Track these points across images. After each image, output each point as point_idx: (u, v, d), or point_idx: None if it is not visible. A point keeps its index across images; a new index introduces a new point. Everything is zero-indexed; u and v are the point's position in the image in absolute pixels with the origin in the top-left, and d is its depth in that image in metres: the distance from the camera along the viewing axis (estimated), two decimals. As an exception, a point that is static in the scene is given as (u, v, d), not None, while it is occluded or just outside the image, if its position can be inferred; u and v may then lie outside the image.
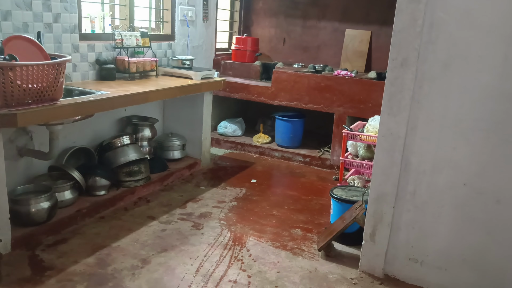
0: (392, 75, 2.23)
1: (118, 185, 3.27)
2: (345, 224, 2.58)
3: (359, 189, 3.07)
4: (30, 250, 2.49)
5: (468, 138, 2.15)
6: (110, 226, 2.85)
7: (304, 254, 2.68)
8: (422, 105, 2.20)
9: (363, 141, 3.60)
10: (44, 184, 2.78)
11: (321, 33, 5.13)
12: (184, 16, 4.34)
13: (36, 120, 2.40)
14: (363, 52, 4.84)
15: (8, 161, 2.49)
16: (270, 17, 5.38)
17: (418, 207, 2.33)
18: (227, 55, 5.24)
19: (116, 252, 2.55)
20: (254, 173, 4.11)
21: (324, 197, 3.59)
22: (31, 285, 2.19)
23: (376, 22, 4.78)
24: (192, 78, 3.78)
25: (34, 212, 2.57)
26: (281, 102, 4.52)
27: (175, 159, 3.97)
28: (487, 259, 2.23)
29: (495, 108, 2.06)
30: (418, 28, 2.12)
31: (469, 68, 2.08)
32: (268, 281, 2.36)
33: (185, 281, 2.31)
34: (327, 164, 4.38)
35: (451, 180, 2.22)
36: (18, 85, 2.24)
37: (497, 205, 2.15)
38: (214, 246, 2.69)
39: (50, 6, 2.92)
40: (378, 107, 2.69)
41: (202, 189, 3.63)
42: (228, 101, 5.06)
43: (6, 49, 2.34)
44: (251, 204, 3.37)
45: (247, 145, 4.78)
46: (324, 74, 4.35)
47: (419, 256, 2.38)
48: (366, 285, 2.40)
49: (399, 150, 2.29)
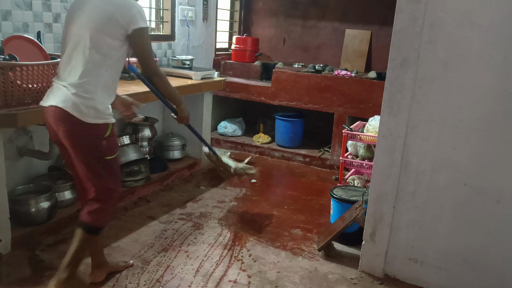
0: (392, 75, 2.23)
1: (118, 185, 3.27)
2: (345, 224, 2.58)
3: (359, 189, 3.07)
4: (30, 250, 2.49)
5: (468, 138, 2.15)
6: (110, 226, 2.85)
7: (304, 254, 2.68)
8: (422, 105, 2.20)
9: (363, 141, 3.60)
10: (44, 184, 2.78)
11: (321, 33, 5.13)
12: (184, 16, 4.34)
13: (36, 120, 2.39)
14: (363, 52, 4.84)
15: (8, 161, 2.48)
16: (270, 17, 5.38)
17: (418, 207, 2.33)
18: (227, 55, 5.24)
19: (116, 252, 2.54)
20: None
21: (324, 197, 3.59)
22: (31, 285, 2.19)
23: (376, 22, 4.78)
24: (192, 78, 3.78)
25: (34, 212, 2.57)
26: (281, 102, 4.52)
27: (175, 159, 3.96)
28: (487, 259, 2.23)
29: (495, 108, 2.06)
30: (418, 28, 2.12)
31: (469, 68, 2.08)
32: (268, 281, 2.36)
33: (185, 281, 2.31)
34: (327, 164, 4.38)
35: (451, 180, 2.22)
36: (18, 85, 2.24)
37: (497, 205, 2.15)
38: (214, 246, 2.69)
39: (50, 6, 2.92)
40: (378, 107, 2.68)
41: (202, 189, 3.63)
42: (228, 101, 5.06)
43: (6, 49, 2.35)
44: (251, 204, 3.37)
45: (247, 145, 4.78)
46: (324, 74, 4.35)
47: (419, 256, 2.38)
48: (366, 285, 2.40)
49: (399, 150, 2.29)
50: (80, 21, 1.94)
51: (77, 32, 1.94)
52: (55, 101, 1.92)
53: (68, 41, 1.96)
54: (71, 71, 1.93)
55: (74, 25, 1.95)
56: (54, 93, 1.95)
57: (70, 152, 2.00)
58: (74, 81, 1.92)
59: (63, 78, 1.95)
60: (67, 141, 1.96)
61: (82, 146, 1.97)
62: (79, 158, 1.99)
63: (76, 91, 1.91)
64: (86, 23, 1.92)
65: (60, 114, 1.91)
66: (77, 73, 1.92)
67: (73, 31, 1.95)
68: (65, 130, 1.93)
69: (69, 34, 1.96)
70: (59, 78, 1.98)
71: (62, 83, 1.94)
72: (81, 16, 1.94)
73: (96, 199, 2.05)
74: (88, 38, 1.90)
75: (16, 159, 2.77)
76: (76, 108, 1.90)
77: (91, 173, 2.02)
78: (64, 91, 1.92)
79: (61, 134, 1.95)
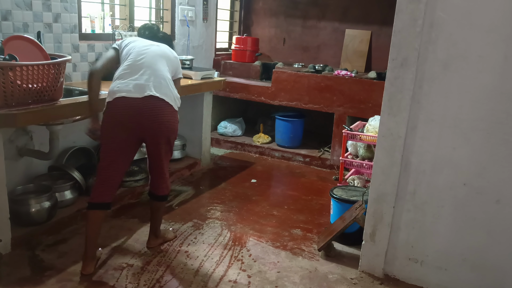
0: (392, 75, 2.23)
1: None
2: (345, 224, 2.58)
3: (359, 189, 3.07)
4: (30, 250, 2.49)
5: (468, 138, 2.15)
6: (110, 226, 2.85)
7: (304, 254, 2.68)
8: (422, 105, 2.20)
9: (363, 141, 3.60)
10: (44, 184, 2.78)
11: (321, 33, 5.13)
12: (184, 16, 4.34)
13: (36, 120, 2.40)
14: (363, 52, 4.84)
15: (8, 161, 2.48)
16: (270, 17, 5.38)
17: (418, 207, 2.33)
18: (227, 55, 5.24)
19: (116, 252, 2.54)
20: (254, 173, 4.11)
21: (324, 197, 3.59)
22: (31, 285, 2.19)
23: (376, 22, 4.78)
24: (192, 78, 3.78)
25: (34, 212, 2.57)
26: (281, 102, 4.52)
27: (175, 159, 3.96)
28: (487, 259, 2.23)
29: (495, 108, 2.06)
30: (418, 28, 2.12)
31: (469, 68, 2.08)
32: (268, 281, 2.36)
33: (185, 281, 2.31)
34: (327, 164, 4.38)
35: (451, 180, 2.22)
36: (18, 85, 2.23)
37: (497, 205, 2.15)
38: (214, 246, 2.69)
39: (50, 6, 2.92)
40: (378, 107, 2.69)
41: (202, 189, 3.63)
42: (228, 101, 5.06)
43: (6, 49, 2.35)
44: (251, 204, 3.37)
45: (247, 145, 4.78)
46: (324, 74, 4.35)
47: (419, 256, 2.38)
48: (366, 285, 2.40)
49: (399, 150, 2.29)
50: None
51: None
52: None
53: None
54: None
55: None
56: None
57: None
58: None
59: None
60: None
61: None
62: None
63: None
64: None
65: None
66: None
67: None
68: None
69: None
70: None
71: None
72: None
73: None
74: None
75: (16, 159, 2.77)
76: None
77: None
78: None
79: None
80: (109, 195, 2.34)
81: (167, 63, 2.46)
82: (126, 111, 2.25)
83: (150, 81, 2.30)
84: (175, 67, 2.54)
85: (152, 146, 2.40)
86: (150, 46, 2.46)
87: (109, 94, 2.30)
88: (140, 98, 2.25)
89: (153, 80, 2.31)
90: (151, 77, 2.31)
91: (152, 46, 2.47)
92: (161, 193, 2.55)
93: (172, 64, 2.50)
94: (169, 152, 2.49)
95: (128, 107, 2.25)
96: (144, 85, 2.28)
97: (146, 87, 2.28)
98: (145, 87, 2.27)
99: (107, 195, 2.33)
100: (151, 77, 2.31)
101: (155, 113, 2.29)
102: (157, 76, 2.34)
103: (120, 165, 2.34)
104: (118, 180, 2.36)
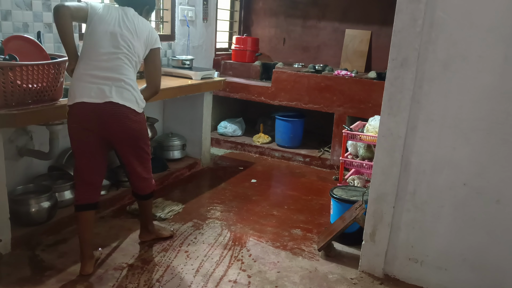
0: (392, 75, 2.23)
1: (118, 185, 3.27)
2: (345, 224, 2.58)
3: (359, 189, 3.07)
4: (30, 250, 2.49)
5: (468, 138, 2.15)
6: (110, 226, 2.85)
7: (304, 254, 2.68)
8: (422, 105, 2.20)
9: (363, 141, 3.60)
10: (44, 184, 2.78)
11: (321, 33, 5.13)
12: (184, 16, 4.34)
13: (36, 120, 2.40)
14: (363, 52, 4.84)
15: (8, 161, 2.49)
16: (270, 17, 5.38)
17: (418, 207, 2.33)
18: (227, 55, 5.24)
19: (116, 252, 2.54)
20: (254, 173, 4.11)
21: (324, 197, 3.59)
22: (31, 285, 2.19)
23: (376, 22, 4.78)
24: (192, 78, 3.78)
25: (34, 212, 2.57)
26: (281, 102, 4.52)
27: (175, 159, 3.97)
28: (487, 259, 2.23)
29: (495, 108, 2.06)
30: (418, 28, 2.12)
31: (469, 68, 2.08)
32: (268, 281, 2.36)
33: (185, 281, 2.31)
34: (327, 164, 4.38)
35: (451, 180, 2.22)
36: (18, 85, 2.23)
37: (497, 205, 2.15)
38: (214, 246, 2.69)
39: (50, 6, 2.92)
40: (378, 107, 2.68)
41: (202, 189, 3.62)
42: (228, 101, 5.06)
43: (6, 49, 2.34)
44: (251, 204, 3.37)
45: (247, 145, 4.78)
46: (324, 74, 4.35)
47: (419, 256, 2.38)
48: (366, 285, 2.40)
49: (399, 150, 2.29)
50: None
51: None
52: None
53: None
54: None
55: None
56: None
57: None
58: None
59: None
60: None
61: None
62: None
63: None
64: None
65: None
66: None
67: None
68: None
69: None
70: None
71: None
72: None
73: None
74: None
75: (16, 159, 2.77)
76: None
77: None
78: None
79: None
80: (93, 195, 2.33)
81: (134, 42, 2.24)
82: (89, 116, 2.18)
83: (111, 84, 2.18)
84: (146, 39, 2.30)
85: (120, 152, 2.37)
86: (113, 26, 2.21)
87: (69, 95, 2.21)
88: (102, 103, 2.16)
89: (114, 83, 2.19)
90: (112, 80, 2.19)
91: (115, 25, 2.21)
92: (142, 192, 2.53)
93: (139, 38, 2.26)
94: (143, 155, 2.41)
95: (89, 112, 2.17)
96: (104, 90, 2.17)
97: (107, 91, 2.17)
98: (105, 92, 2.17)
99: (91, 196, 2.32)
100: (112, 80, 2.19)
101: (117, 119, 2.20)
102: (118, 79, 2.20)
103: (96, 166, 2.31)
104: (97, 179, 2.34)
